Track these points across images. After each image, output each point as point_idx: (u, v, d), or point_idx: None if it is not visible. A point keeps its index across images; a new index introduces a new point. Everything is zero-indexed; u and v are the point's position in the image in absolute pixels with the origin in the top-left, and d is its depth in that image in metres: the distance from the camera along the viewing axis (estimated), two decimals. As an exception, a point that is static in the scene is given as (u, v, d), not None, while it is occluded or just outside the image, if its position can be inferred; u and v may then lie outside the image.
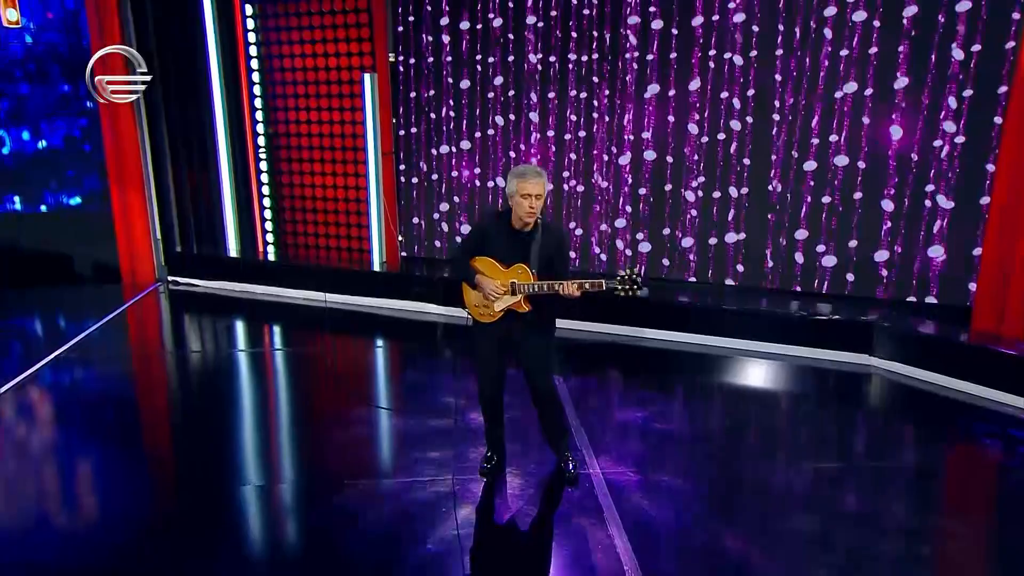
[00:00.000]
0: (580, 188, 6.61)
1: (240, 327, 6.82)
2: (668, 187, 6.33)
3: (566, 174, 6.62)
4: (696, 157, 6.21)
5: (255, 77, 7.40)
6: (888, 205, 5.70)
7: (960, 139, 5.40)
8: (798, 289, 6.11)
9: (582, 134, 6.49)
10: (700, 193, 6.25)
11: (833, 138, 5.76)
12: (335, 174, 7.36)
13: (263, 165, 7.60)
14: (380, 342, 6.38)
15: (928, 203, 5.57)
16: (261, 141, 7.55)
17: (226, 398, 5.08)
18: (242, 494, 3.67)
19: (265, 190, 7.67)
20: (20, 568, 3.11)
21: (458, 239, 6.96)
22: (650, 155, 6.32)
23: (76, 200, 7.58)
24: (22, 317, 6.77)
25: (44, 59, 7.21)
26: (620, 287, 3.33)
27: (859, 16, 5.52)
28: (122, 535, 3.36)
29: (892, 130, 5.58)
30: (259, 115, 7.49)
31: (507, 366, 3.69)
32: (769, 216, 6.07)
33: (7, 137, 7.35)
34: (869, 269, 5.86)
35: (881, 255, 5.79)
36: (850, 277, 5.94)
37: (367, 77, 6.83)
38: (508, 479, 3.79)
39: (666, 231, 6.42)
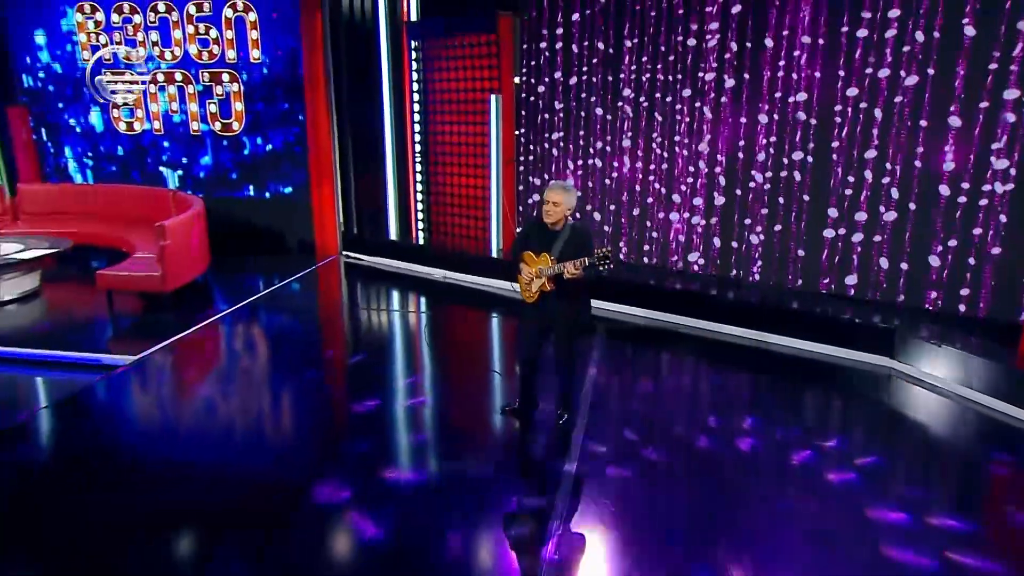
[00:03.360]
0: (663, 191, 7.61)
1: (393, 292, 8.78)
2: (738, 192, 7.11)
3: (652, 178, 7.66)
4: (762, 174, 6.94)
5: (415, 97, 9.30)
6: (940, 224, 6.08)
7: (1009, 164, 5.64)
8: (852, 295, 6.62)
9: (663, 144, 7.48)
10: (766, 199, 6.96)
11: (887, 164, 6.22)
12: (469, 176, 9.04)
13: (418, 167, 9.51)
14: (494, 313, 7.90)
15: (980, 216, 5.88)
16: (417, 148, 9.46)
17: (382, 341, 6.94)
18: (394, 408, 5.25)
19: (419, 187, 9.58)
20: (213, 468, 4.26)
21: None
22: (720, 166, 7.17)
23: (288, 190, 10.05)
24: (247, 270, 9.25)
25: (273, 85, 9.72)
26: (600, 264, 4.22)
27: (918, 37, 5.90)
28: (294, 439, 4.78)
29: (946, 150, 5.93)
30: (416, 127, 9.39)
31: (545, 339, 4.64)
32: (826, 229, 6.65)
33: (248, 142, 10.01)
34: (921, 281, 6.26)
35: (934, 263, 6.19)
36: (901, 284, 6.35)
37: (493, 97, 8.38)
38: (523, 421, 4.93)
39: (733, 242, 7.24)
